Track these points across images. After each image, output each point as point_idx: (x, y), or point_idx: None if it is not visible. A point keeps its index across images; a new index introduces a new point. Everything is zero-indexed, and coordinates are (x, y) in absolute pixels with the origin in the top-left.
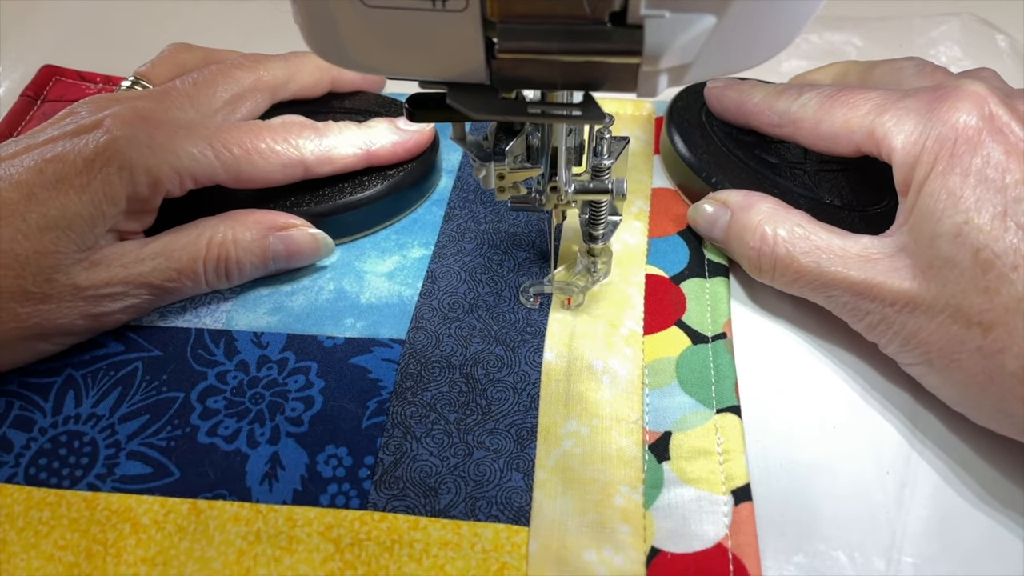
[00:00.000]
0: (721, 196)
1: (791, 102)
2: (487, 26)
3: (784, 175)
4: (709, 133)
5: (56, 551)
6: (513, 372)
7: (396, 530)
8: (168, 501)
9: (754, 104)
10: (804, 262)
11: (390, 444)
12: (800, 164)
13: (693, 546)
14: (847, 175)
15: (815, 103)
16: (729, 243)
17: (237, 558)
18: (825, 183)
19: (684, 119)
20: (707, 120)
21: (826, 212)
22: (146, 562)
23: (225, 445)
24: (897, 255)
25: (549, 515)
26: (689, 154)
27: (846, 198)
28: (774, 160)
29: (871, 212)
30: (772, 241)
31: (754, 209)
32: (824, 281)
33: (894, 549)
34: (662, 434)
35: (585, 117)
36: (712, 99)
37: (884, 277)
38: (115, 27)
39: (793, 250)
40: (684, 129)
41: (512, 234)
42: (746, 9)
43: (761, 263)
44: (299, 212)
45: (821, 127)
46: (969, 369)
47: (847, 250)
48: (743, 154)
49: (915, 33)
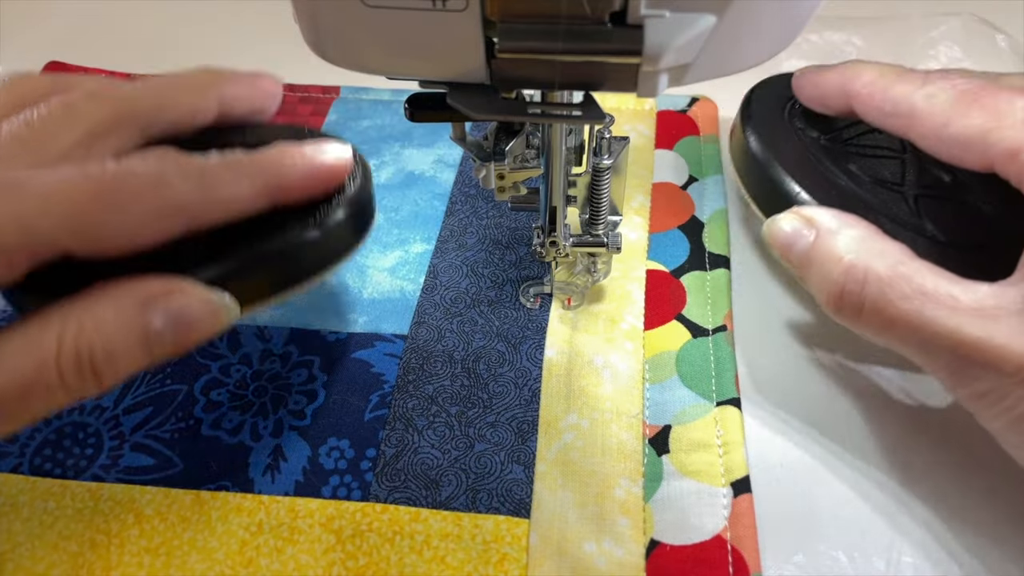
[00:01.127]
0: (807, 212)
1: (915, 89)
2: (487, 26)
3: (880, 196)
4: (792, 135)
5: (60, 541)
6: (514, 368)
7: (397, 521)
8: (171, 492)
9: (863, 84)
10: (902, 308)
11: (392, 437)
12: (898, 185)
13: (692, 538)
14: (954, 205)
15: (947, 97)
16: (807, 271)
17: (239, 548)
18: (929, 212)
19: (763, 117)
20: (790, 120)
21: (926, 248)
22: (149, 552)
23: (228, 438)
24: (1023, 313)
25: (549, 507)
26: (767, 156)
27: (953, 233)
28: (867, 177)
29: (982, 253)
30: (862, 277)
31: (844, 234)
32: (926, 336)
33: (894, 549)
34: (662, 428)
35: (585, 117)
36: (807, 84)
37: (1007, 339)
38: (115, 26)
39: (890, 293)
40: (762, 128)
41: (514, 229)
42: (746, 9)
43: (844, 303)
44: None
45: (950, 128)
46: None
47: (959, 300)
48: (834, 165)
49: (915, 33)
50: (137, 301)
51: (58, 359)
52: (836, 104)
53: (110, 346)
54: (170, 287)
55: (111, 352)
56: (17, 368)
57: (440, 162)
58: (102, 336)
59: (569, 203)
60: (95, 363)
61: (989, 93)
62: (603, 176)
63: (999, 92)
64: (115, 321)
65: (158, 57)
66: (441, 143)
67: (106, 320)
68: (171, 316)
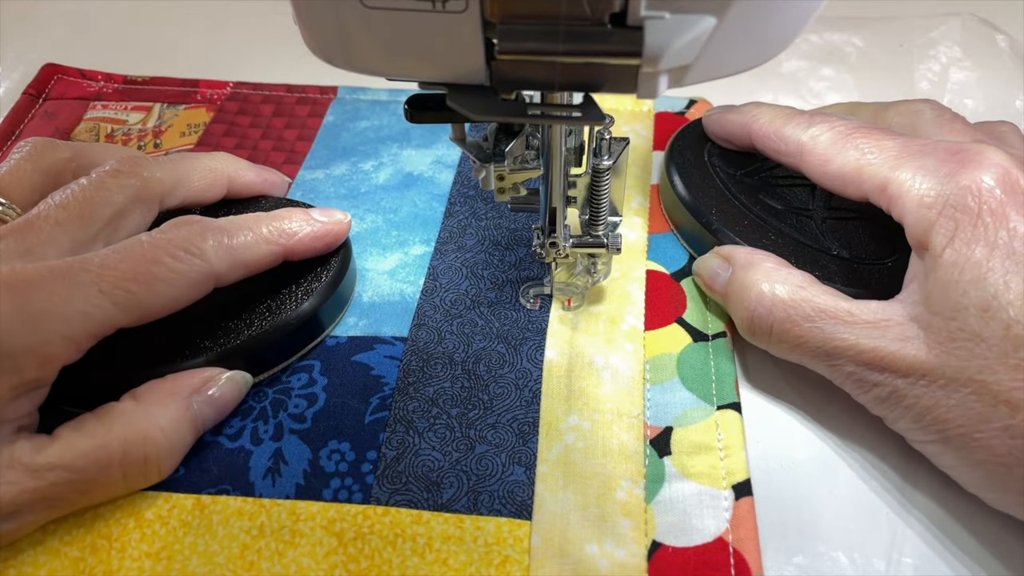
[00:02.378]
0: (725, 251)
1: (801, 131)
2: (487, 27)
3: (789, 222)
4: (711, 174)
5: (61, 546)
6: (515, 369)
7: (399, 524)
8: (172, 496)
9: (759, 126)
10: (805, 327)
11: (392, 439)
12: (806, 211)
13: (694, 540)
14: (856, 225)
15: (827, 138)
16: (727, 302)
17: (241, 552)
18: (832, 233)
19: (685, 158)
20: (709, 160)
21: (832, 264)
22: (151, 557)
23: (228, 443)
24: (909, 323)
25: (551, 509)
26: (688, 195)
27: (854, 250)
28: (779, 206)
29: (880, 266)
30: (769, 303)
31: (755, 268)
32: (828, 349)
33: (894, 549)
34: (663, 429)
35: (585, 118)
36: (714, 125)
37: (897, 346)
38: (115, 27)
39: (794, 315)
40: (684, 168)
41: (513, 230)
42: (746, 9)
43: (755, 326)
44: (210, 349)
45: (830, 166)
46: (994, 449)
47: (855, 315)
48: (746, 198)
49: (915, 33)
50: (184, 398)
51: (124, 463)
52: (741, 142)
53: (174, 442)
54: (205, 378)
55: (173, 449)
56: (88, 468)
57: (438, 163)
58: (166, 437)
59: (569, 204)
60: (160, 463)
61: (863, 134)
62: (603, 177)
63: (871, 132)
64: (173, 420)
65: (156, 58)
66: (439, 144)
67: (167, 423)
68: (213, 403)
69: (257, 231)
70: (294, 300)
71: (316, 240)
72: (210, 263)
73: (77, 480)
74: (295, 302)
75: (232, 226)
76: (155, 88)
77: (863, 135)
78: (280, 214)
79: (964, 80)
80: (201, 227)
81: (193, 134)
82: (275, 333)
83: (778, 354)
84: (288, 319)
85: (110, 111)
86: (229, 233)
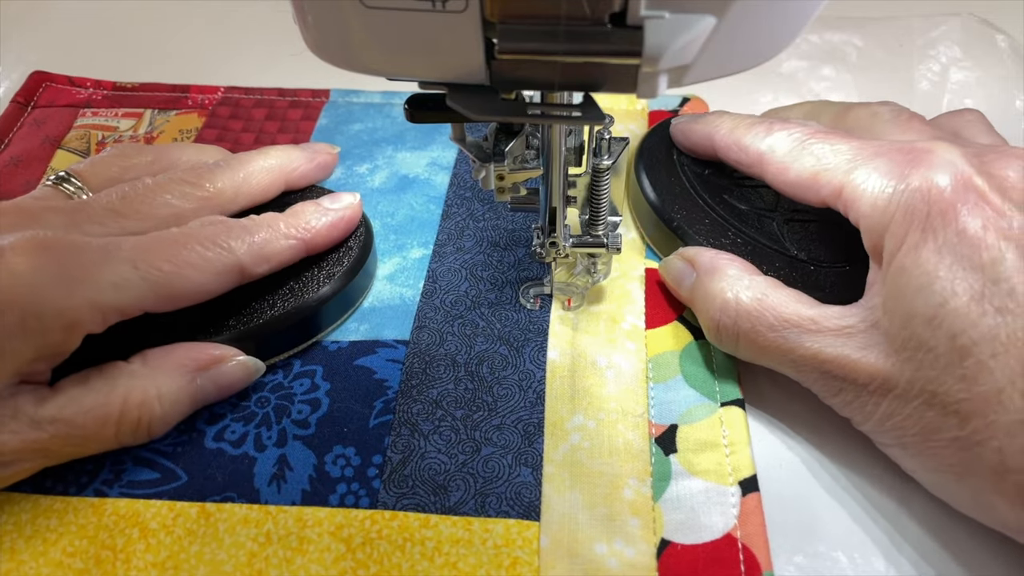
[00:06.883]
0: (689, 253)
1: (759, 140)
2: (487, 27)
3: (751, 223)
4: (678, 174)
5: (65, 558)
6: (518, 371)
7: (407, 528)
8: (176, 505)
9: (721, 137)
10: (770, 337)
11: (398, 442)
12: (770, 213)
13: (703, 537)
14: (818, 227)
15: (784, 146)
16: (693, 307)
17: (248, 560)
18: (793, 235)
19: (654, 158)
20: (678, 159)
21: (792, 266)
22: (156, 566)
23: (232, 449)
24: (870, 331)
25: (559, 509)
26: (654, 194)
27: (814, 252)
28: (743, 207)
29: (840, 269)
30: (734, 313)
31: (718, 274)
32: (794, 358)
33: (894, 549)
34: (668, 427)
35: (585, 118)
36: (679, 135)
37: (858, 355)
38: (114, 29)
39: (758, 324)
40: (652, 168)
41: (511, 230)
42: (746, 9)
43: (721, 335)
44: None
45: (788, 174)
46: (945, 459)
47: (818, 324)
48: (710, 198)
49: (915, 33)
50: (191, 370)
51: (119, 421)
52: (704, 152)
53: (168, 411)
54: (214, 355)
55: (167, 417)
56: (87, 423)
57: (434, 165)
58: (163, 404)
59: (569, 204)
60: (152, 425)
61: (819, 138)
62: (603, 177)
63: (827, 136)
64: (174, 390)
65: (154, 59)
66: (434, 145)
67: (168, 391)
68: (217, 382)
69: (276, 228)
70: (316, 283)
71: (332, 229)
72: (236, 256)
73: (75, 435)
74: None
75: (254, 225)
76: (145, 94)
77: (819, 139)
78: (295, 210)
79: (964, 80)
80: (226, 226)
81: (185, 140)
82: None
83: (746, 359)
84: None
85: (100, 118)
86: (251, 231)
